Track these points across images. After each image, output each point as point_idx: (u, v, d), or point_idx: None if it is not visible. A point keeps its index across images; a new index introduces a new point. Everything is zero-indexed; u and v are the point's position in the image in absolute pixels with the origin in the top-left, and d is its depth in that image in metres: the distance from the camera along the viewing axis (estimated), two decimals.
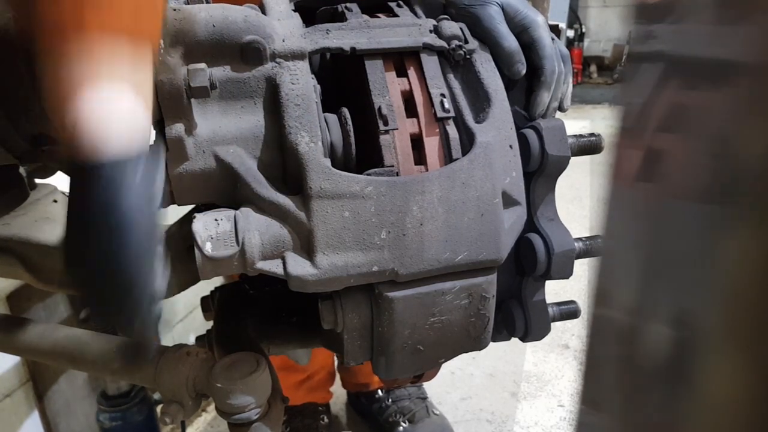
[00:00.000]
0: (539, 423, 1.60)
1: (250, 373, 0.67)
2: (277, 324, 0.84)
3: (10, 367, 1.18)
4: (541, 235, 0.70)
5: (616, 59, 5.91)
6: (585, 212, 2.75)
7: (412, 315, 0.63)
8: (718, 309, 0.26)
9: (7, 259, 0.78)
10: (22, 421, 1.21)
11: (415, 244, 0.60)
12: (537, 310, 0.73)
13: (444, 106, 0.64)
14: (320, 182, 0.59)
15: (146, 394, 1.23)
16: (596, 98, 5.21)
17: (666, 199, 0.31)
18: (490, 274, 0.65)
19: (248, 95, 0.62)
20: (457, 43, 0.67)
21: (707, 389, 0.27)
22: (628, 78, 0.34)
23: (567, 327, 1.96)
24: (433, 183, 0.61)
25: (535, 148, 0.68)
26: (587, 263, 0.66)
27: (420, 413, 1.54)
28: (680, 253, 0.29)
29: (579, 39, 5.82)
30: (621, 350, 0.35)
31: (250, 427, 0.68)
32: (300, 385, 1.54)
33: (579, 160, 0.74)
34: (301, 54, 0.62)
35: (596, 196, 0.37)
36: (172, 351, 0.72)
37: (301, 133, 0.59)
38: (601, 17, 6.04)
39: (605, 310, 0.36)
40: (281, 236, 0.60)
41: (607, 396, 0.37)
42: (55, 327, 0.82)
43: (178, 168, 0.60)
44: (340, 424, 1.67)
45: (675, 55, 0.30)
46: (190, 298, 1.62)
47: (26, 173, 0.86)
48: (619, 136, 0.34)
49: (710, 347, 0.27)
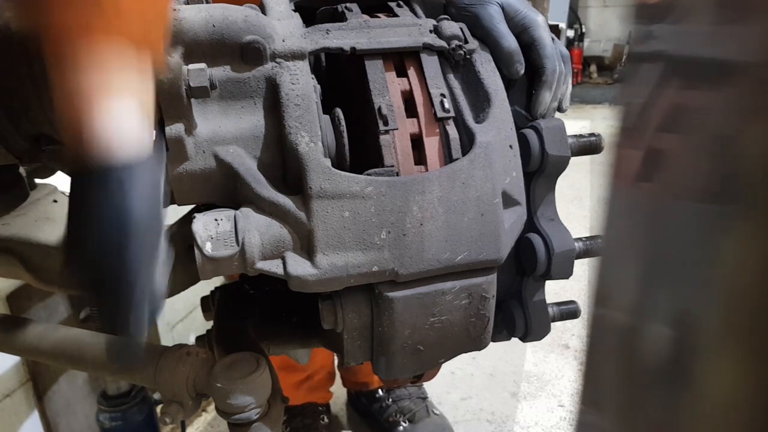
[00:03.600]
0: (539, 423, 1.60)
1: (250, 373, 0.67)
2: (277, 324, 0.84)
3: (10, 367, 1.18)
4: (541, 235, 0.70)
5: (616, 59, 5.91)
6: (585, 212, 2.75)
7: (412, 315, 0.63)
8: (718, 309, 0.26)
9: (7, 259, 0.78)
10: (22, 421, 1.21)
11: (415, 244, 0.60)
12: (537, 310, 0.73)
13: (444, 106, 0.64)
14: (320, 182, 0.59)
15: (146, 394, 1.23)
16: (596, 98, 5.21)
17: (666, 199, 0.31)
18: (490, 274, 0.65)
19: (248, 95, 0.62)
20: (457, 43, 0.67)
21: (707, 389, 0.27)
22: (628, 78, 0.34)
23: (567, 327, 1.96)
24: (433, 183, 0.61)
25: (535, 148, 0.68)
26: (587, 263, 0.66)
27: (420, 413, 1.54)
28: (680, 253, 0.29)
29: (579, 39, 5.82)
30: (621, 350, 0.35)
31: (250, 427, 0.68)
32: (300, 385, 1.54)
33: (579, 160, 0.74)
34: (301, 54, 0.62)
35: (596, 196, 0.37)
36: (172, 351, 0.72)
37: (301, 133, 0.59)
38: (601, 17, 6.04)
39: (605, 310, 0.36)
40: (281, 236, 0.60)
41: (607, 396, 0.37)
42: (55, 327, 0.82)
43: (178, 168, 0.60)
44: (340, 424, 1.67)
45: (675, 55, 0.30)
46: (190, 298, 1.62)
47: (26, 173, 0.86)
48: (619, 136, 0.34)
49: (710, 347, 0.27)
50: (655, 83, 0.31)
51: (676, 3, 0.32)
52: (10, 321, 0.84)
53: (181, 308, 1.67)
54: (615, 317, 0.36)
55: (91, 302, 0.54)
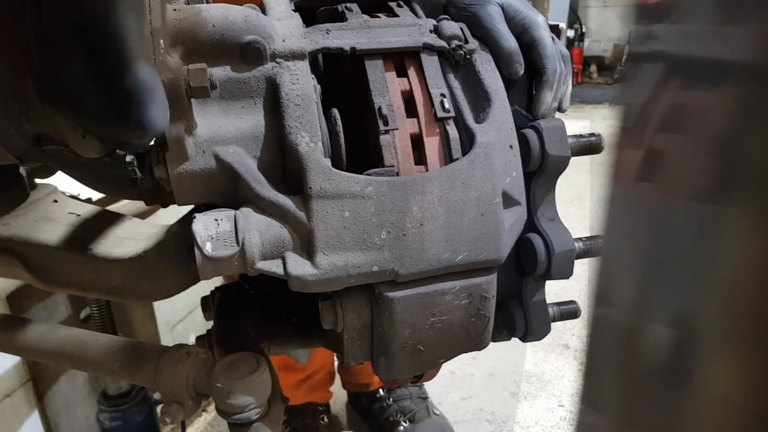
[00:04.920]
0: (539, 423, 1.60)
1: (250, 373, 0.67)
2: (277, 324, 0.84)
3: (10, 367, 1.18)
4: (541, 235, 0.70)
5: (616, 59, 5.91)
6: (585, 212, 2.75)
7: (412, 315, 0.63)
8: (718, 309, 0.26)
9: (7, 259, 0.78)
10: (22, 421, 1.21)
11: (415, 244, 0.60)
12: (537, 310, 0.73)
13: (444, 106, 0.64)
14: (320, 182, 0.59)
15: (146, 394, 1.23)
16: (596, 98, 5.21)
17: (666, 199, 0.31)
18: (490, 274, 0.65)
19: (248, 95, 0.62)
20: (458, 43, 0.67)
21: (707, 389, 0.27)
22: (628, 78, 0.34)
23: (567, 327, 1.97)
24: (433, 183, 0.61)
25: (535, 148, 0.68)
26: (587, 263, 0.66)
27: (420, 413, 1.54)
28: (680, 253, 0.29)
29: (579, 39, 5.82)
30: (621, 350, 0.35)
31: (250, 427, 0.68)
32: (300, 385, 1.54)
33: (579, 160, 0.74)
34: (302, 54, 0.62)
35: (596, 196, 0.37)
36: (172, 351, 0.72)
37: (301, 133, 0.59)
38: (601, 17, 6.04)
39: (605, 310, 0.36)
40: (281, 236, 0.60)
41: (607, 396, 0.37)
42: (55, 327, 0.82)
43: (178, 168, 0.60)
44: (340, 424, 1.67)
45: (675, 55, 0.30)
46: (190, 298, 1.62)
47: (26, 173, 0.86)
48: (619, 136, 0.34)
49: (710, 347, 0.27)
50: (655, 83, 0.31)
51: (676, 3, 0.32)
52: (10, 321, 0.84)
53: (181, 308, 1.67)
54: (615, 317, 0.36)
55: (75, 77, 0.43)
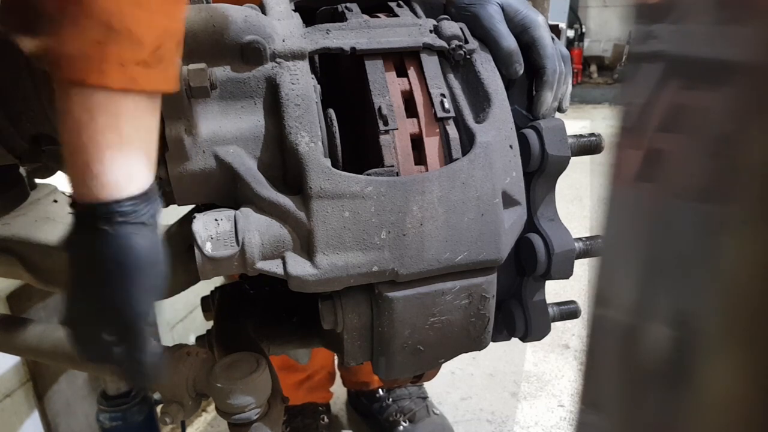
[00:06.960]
0: (539, 423, 1.60)
1: (250, 373, 0.67)
2: (277, 324, 0.84)
3: (10, 367, 1.18)
4: (541, 235, 0.70)
5: (616, 59, 5.91)
6: (585, 212, 2.75)
7: (412, 315, 0.63)
8: (718, 309, 0.26)
9: (7, 259, 0.78)
10: (22, 421, 1.21)
11: (415, 244, 0.60)
12: (537, 310, 0.73)
13: (444, 106, 0.64)
14: (320, 182, 0.59)
15: (146, 394, 1.22)
16: (596, 98, 5.20)
17: (666, 199, 0.31)
18: (490, 274, 0.65)
19: (248, 95, 0.62)
20: (457, 43, 0.67)
21: (707, 389, 0.27)
22: (628, 78, 0.34)
23: (567, 327, 1.96)
24: (433, 183, 0.60)
25: (535, 148, 0.68)
26: (587, 263, 0.66)
27: (420, 413, 1.54)
28: (680, 253, 0.29)
29: (579, 39, 5.81)
30: (621, 350, 0.35)
31: (250, 427, 0.68)
32: (300, 385, 1.54)
33: (579, 160, 0.74)
34: (302, 54, 0.62)
35: (596, 196, 0.37)
36: (172, 351, 0.72)
37: (301, 133, 0.59)
38: (601, 17, 6.03)
39: (605, 310, 0.36)
40: (281, 236, 0.60)
41: (607, 396, 0.37)
42: (55, 327, 0.82)
43: (178, 168, 0.60)
44: (340, 424, 1.67)
45: (675, 55, 0.30)
46: (190, 298, 1.62)
47: (26, 173, 0.86)
48: (619, 136, 0.34)
49: (710, 347, 0.27)
50: (655, 83, 0.31)
51: (676, 3, 0.32)
52: (10, 321, 0.84)
53: (181, 308, 1.66)
54: (615, 317, 0.36)
55: (114, 359, 0.54)
